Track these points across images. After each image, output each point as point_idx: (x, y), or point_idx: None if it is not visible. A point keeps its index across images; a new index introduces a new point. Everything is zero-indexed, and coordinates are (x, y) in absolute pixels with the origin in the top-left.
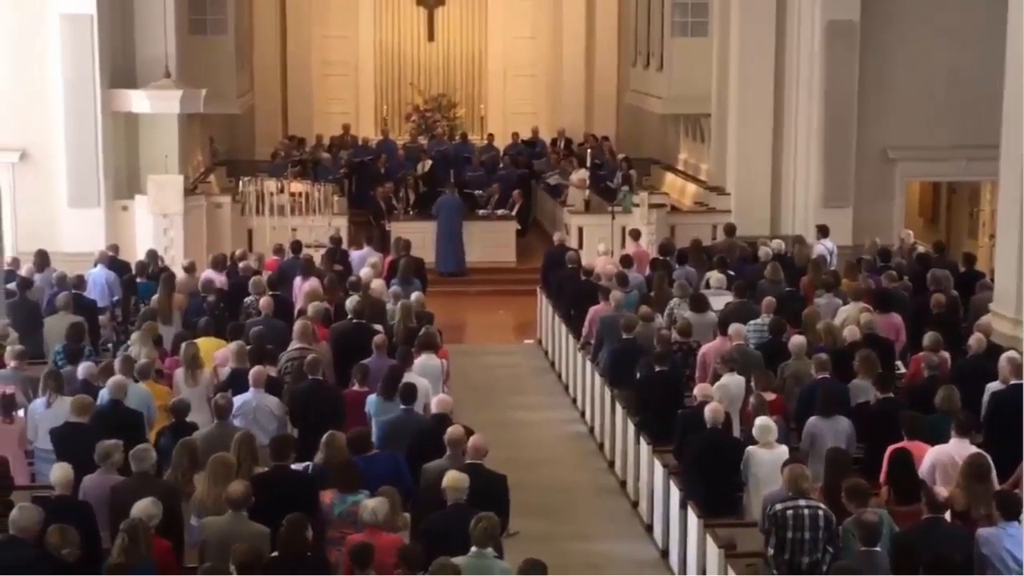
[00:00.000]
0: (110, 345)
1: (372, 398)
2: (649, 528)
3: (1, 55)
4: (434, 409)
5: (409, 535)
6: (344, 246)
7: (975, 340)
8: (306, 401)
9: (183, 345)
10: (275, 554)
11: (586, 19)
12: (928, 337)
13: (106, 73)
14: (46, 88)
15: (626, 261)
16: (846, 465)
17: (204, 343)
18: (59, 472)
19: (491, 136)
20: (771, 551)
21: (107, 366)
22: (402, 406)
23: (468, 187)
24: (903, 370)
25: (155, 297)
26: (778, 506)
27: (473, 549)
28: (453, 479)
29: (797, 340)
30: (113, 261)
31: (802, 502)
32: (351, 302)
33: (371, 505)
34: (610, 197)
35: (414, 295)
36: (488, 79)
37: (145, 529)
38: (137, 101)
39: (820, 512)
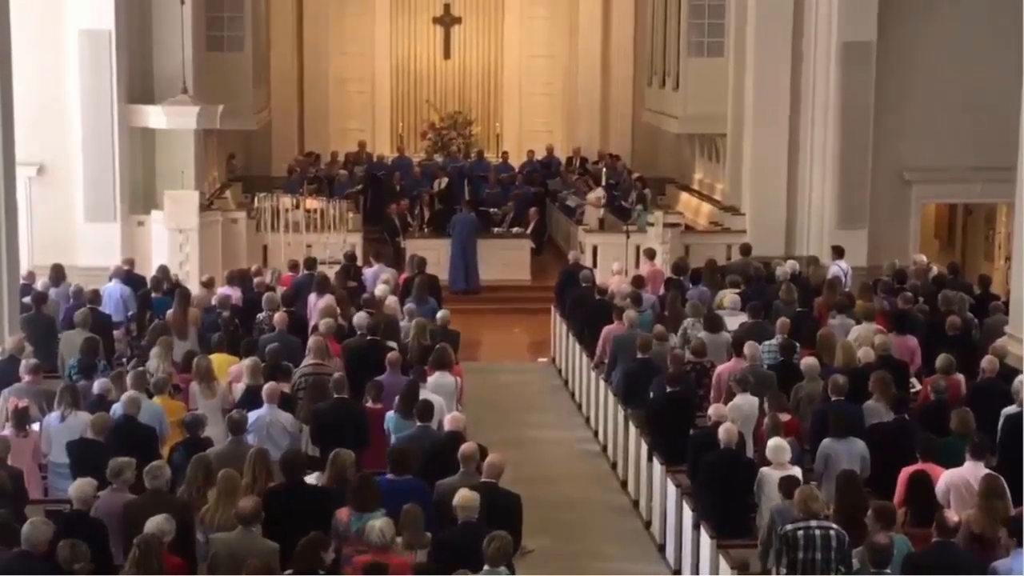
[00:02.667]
0: (124, 360)
1: (390, 415)
2: (662, 548)
3: (20, 70)
4: (447, 427)
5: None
6: (358, 263)
7: (988, 362)
8: (331, 420)
9: (196, 359)
10: (289, 572)
11: (602, 38)
12: (940, 360)
13: (124, 88)
14: (64, 103)
15: (638, 282)
16: (857, 487)
17: (217, 359)
18: (80, 487)
19: (506, 154)
20: (783, 570)
21: (120, 382)
22: (418, 423)
23: (483, 205)
24: (918, 387)
25: (170, 312)
26: (789, 526)
27: (486, 568)
28: (463, 498)
29: (809, 361)
30: (128, 275)
31: (814, 523)
32: (359, 318)
33: (379, 526)
34: (625, 216)
35: (440, 313)
36: (504, 97)
37: (158, 544)
38: (154, 117)
39: (832, 533)
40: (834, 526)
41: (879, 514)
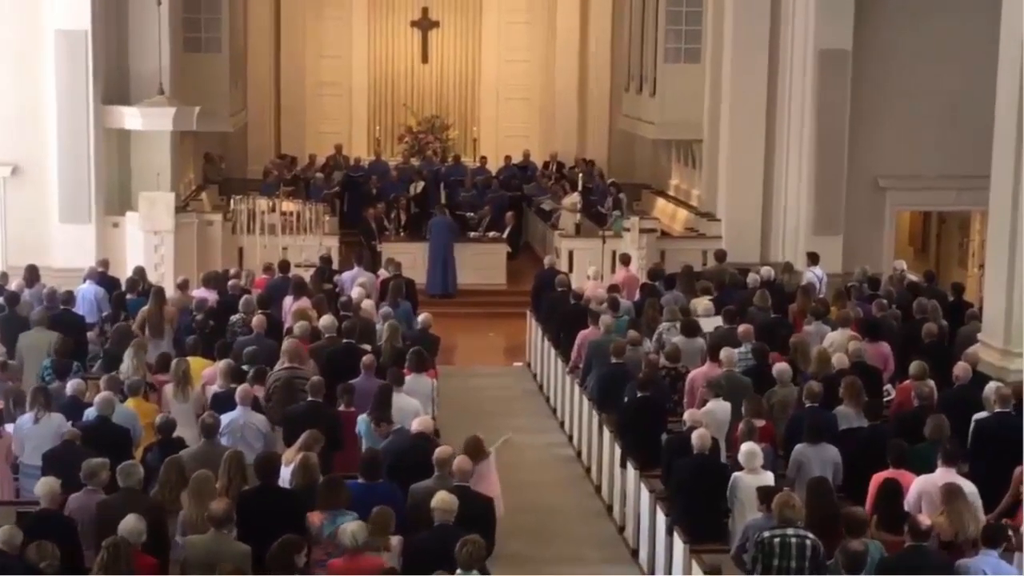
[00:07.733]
0: (98, 361)
1: (362, 419)
2: (635, 553)
3: None
4: (414, 429)
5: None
6: (335, 266)
7: (962, 369)
8: (302, 422)
9: (175, 361)
10: None
11: (579, 43)
12: (915, 366)
13: (100, 89)
14: (39, 103)
15: (613, 290)
16: (828, 494)
17: (192, 363)
18: (45, 486)
19: (483, 159)
20: None
21: (94, 385)
22: (393, 428)
23: (460, 209)
24: (892, 395)
25: (143, 310)
26: (766, 533)
27: (458, 572)
28: (442, 500)
29: (781, 367)
30: (103, 277)
31: (790, 531)
32: (326, 321)
33: (351, 529)
34: (601, 221)
35: (422, 317)
36: (481, 101)
37: (127, 546)
38: (130, 118)
39: (808, 542)
40: (810, 535)
41: (848, 522)
